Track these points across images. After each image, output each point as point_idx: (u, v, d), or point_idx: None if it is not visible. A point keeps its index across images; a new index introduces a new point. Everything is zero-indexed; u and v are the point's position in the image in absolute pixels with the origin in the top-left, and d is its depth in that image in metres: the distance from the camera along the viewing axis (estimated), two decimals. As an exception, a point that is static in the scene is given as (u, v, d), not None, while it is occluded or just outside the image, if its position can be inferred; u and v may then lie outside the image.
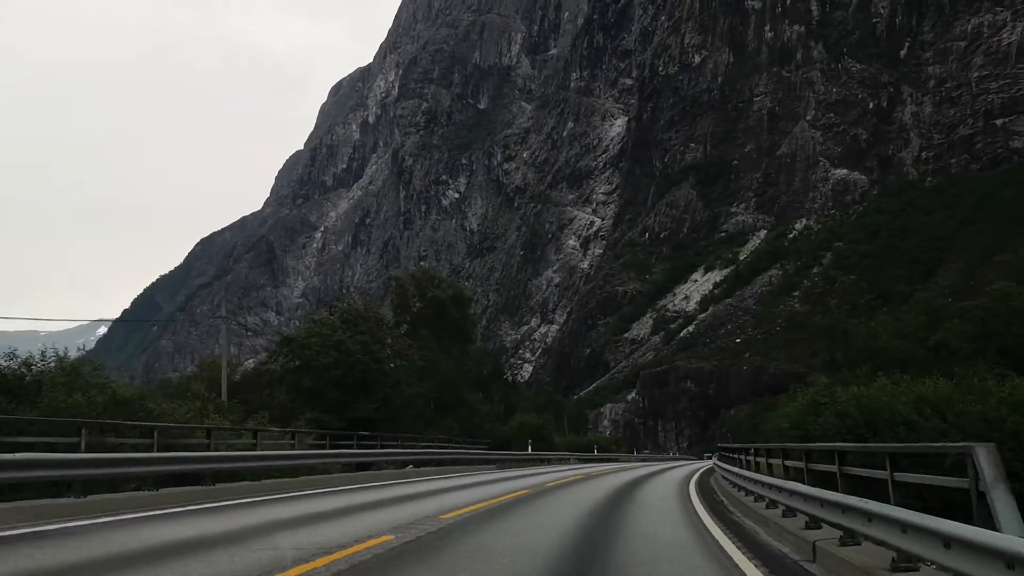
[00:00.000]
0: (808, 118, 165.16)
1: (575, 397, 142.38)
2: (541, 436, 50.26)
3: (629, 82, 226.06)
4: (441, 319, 45.50)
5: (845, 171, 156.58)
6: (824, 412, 19.08)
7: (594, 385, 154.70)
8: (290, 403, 26.64)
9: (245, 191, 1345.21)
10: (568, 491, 19.68)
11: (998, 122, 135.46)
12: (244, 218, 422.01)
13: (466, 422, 39.98)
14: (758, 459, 18.34)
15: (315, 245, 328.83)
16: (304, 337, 29.34)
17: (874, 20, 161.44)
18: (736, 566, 8.63)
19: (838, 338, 44.77)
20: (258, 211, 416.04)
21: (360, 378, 28.62)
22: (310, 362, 27.95)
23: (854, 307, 50.12)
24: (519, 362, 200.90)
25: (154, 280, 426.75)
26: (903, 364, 28.98)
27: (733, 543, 10.36)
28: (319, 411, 26.31)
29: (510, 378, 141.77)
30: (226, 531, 10.72)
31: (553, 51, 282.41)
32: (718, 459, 29.77)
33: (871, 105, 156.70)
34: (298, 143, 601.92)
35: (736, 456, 22.68)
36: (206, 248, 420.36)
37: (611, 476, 28.74)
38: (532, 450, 39.53)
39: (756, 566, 8.59)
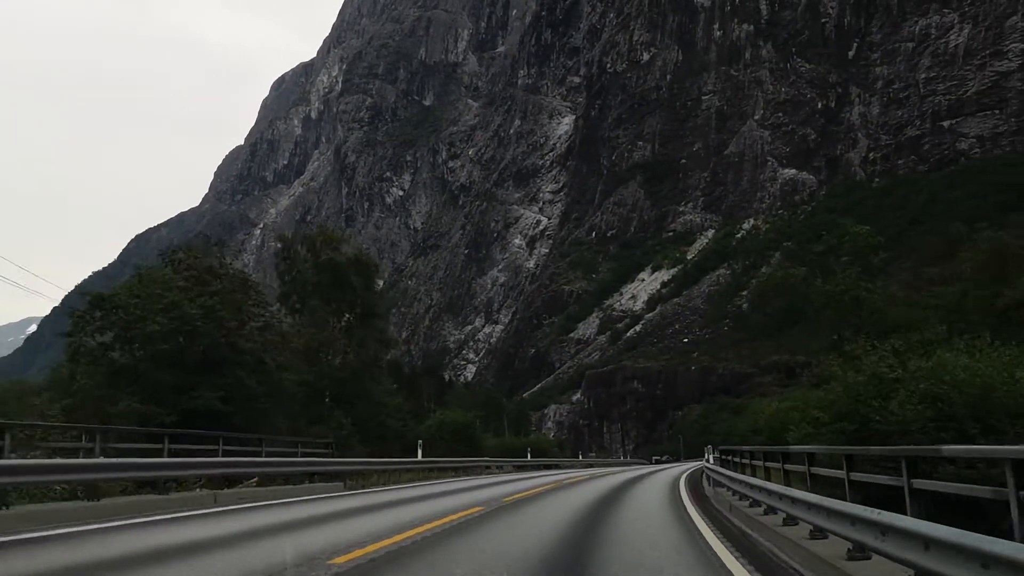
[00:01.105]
0: (756, 117, 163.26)
1: (519, 398, 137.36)
2: (467, 436, 44.45)
3: (577, 80, 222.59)
4: (338, 289, 36.72)
5: (793, 171, 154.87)
6: (898, 392, 13.91)
7: (539, 386, 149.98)
8: (99, 389, 19.79)
9: (184, 187, 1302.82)
10: None
11: (945, 123, 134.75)
12: (182, 214, 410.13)
13: (370, 419, 33.47)
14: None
15: (254, 242, 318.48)
16: (123, 296, 22.03)
17: (823, 20, 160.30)
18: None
19: (846, 308, 36.35)
20: (196, 207, 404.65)
21: (201, 356, 21.75)
22: (129, 331, 21.03)
23: (865, 268, 40.86)
24: (463, 362, 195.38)
25: (87, 276, 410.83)
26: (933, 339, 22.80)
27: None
28: (139, 399, 19.42)
29: (448, 377, 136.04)
30: None
31: (501, 48, 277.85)
32: (716, 464, 25.84)
33: (819, 105, 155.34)
34: (238, 138, 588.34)
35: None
36: (141, 245, 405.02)
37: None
38: (423, 455, 29.55)
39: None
